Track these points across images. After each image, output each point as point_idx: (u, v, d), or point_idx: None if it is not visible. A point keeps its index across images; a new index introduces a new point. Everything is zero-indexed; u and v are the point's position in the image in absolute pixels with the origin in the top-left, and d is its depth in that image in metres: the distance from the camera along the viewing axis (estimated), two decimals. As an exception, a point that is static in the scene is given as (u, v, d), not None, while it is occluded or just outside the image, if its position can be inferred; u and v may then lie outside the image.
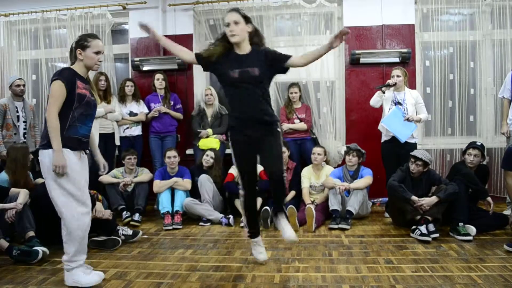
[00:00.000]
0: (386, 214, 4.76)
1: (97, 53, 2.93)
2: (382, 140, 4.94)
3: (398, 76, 4.77)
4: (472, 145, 4.29)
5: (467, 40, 5.53)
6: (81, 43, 2.90)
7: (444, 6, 5.51)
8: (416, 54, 5.66)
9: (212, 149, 5.20)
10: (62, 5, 6.07)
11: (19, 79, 5.10)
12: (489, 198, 4.12)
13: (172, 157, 4.97)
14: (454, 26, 5.62)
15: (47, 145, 2.77)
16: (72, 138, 2.84)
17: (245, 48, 3.07)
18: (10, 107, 4.95)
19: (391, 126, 4.71)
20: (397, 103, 4.80)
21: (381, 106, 4.90)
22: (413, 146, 4.72)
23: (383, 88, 4.77)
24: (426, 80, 5.71)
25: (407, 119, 4.65)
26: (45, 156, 2.78)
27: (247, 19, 3.03)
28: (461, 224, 3.92)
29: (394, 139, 4.75)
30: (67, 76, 2.81)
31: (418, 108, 4.82)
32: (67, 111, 2.81)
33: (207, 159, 5.07)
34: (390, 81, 4.75)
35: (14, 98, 5.05)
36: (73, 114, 2.83)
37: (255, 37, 3.12)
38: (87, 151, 3.05)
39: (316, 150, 4.99)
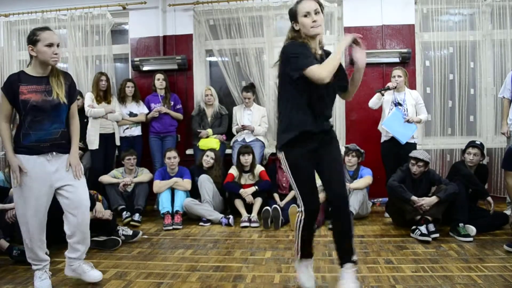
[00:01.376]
0: (386, 214, 4.76)
1: (49, 45, 2.65)
2: (382, 140, 4.95)
3: (399, 76, 4.77)
4: (472, 144, 4.29)
5: (467, 40, 5.53)
6: (31, 38, 2.67)
7: (444, 6, 5.51)
8: (416, 54, 5.66)
9: (212, 149, 5.20)
10: (62, 5, 6.07)
11: None
12: (489, 198, 4.12)
13: (172, 157, 4.97)
14: (454, 26, 5.62)
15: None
16: (28, 146, 2.70)
17: (317, 47, 2.57)
18: None
19: (392, 127, 4.71)
20: (397, 103, 4.80)
21: (381, 107, 4.90)
22: (413, 146, 4.72)
23: (383, 91, 4.77)
24: (426, 80, 5.70)
25: (407, 121, 4.66)
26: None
27: (322, 9, 2.53)
28: (461, 224, 3.92)
29: (393, 139, 4.75)
30: (6, 86, 2.68)
31: (418, 108, 4.83)
32: (20, 119, 2.73)
33: (207, 160, 5.07)
34: (390, 85, 4.74)
35: None
36: (24, 123, 2.70)
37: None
38: (58, 152, 2.80)
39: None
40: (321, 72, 2.34)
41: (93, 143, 5.22)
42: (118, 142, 5.46)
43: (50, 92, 2.73)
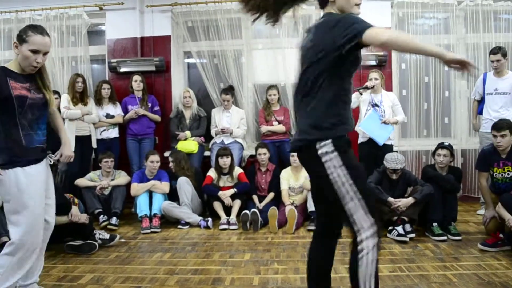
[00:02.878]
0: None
1: (35, 52, 2.37)
2: (359, 142, 5.00)
3: (376, 79, 4.85)
4: (440, 145, 4.36)
5: (442, 43, 5.63)
6: (20, 34, 2.39)
7: (420, 10, 5.61)
8: (392, 57, 5.74)
9: (174, 152, 5.19)
10: (37, 5, 5.94)
11: None
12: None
13: (155, 161, 4.90)
14: (429, 30, 5.74)
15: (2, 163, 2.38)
16: (34, 149, 2.46)
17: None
18: None
19: (369, 129, 4.77)
20: (375, 105, 4.87)
21: (358, 108, 4.96)
22: (390, 147, 4.78)
23: (361, 90, 4.84)
24: (402, 82, 5.80)
25: (384, 122, 4.73)
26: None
27: None
28: (435, 224, 3.99)
29: (371, 141, 4.81)
30: None
31: (395, 109, 4.91)
32: (12, 120, 2.38)
33: (170, 165, 5.05)
34: (368, 84, 4.82)
35: None
36: (22, 123, 2.40)
37: None
38: (52, 155, 2.68)
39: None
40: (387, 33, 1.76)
41: (69, 145, 5.12)
42: (94, 145, 5.37)
43: (38, 89, 2.50)
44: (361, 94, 4.85)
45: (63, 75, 5.96)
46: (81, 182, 4.87)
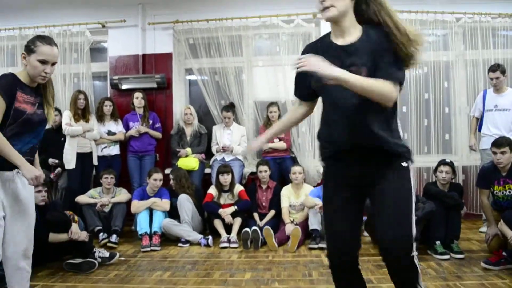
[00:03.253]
0: (365, 233, 4.78)
1: (43, 62, 2.35)
2: None
3: None
4: (442, 162, 4.35)
5: (441, 60, 5.68)
6: (28, 45, 2.38)
7: (418, 27, 5.63)
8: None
9: (175, 169, 5.18)
10: (41, 22, 6.01)
11: None
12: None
13: (158, 180, 4.89)
14: (428, 47, 5.75)
15: None
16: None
17: (351, 32, 1.86)
18: None
19: None
20: None
21: None
22: None
23: None
24: (402, 99, 5.79)
25: None
26: None
27: None
28: (438, 242, 3.96)
29: None
30: (5, 86, 2.29)
31: None
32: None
33: (171, 182, 5.05)
34: None
35: None
36: (6, 132, 2.31)
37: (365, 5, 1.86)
38: (17, 172, 2.44)
39: (296, 169, 4.98)
40: None
41: (70, 162, 5.12)
42: (95, 162, 5.38)
43: (40, 106, 2.47)
44: None
45: (65, 91, 5.99)
46: (82, 199, 4.86)
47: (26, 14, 6.05)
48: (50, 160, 5.22)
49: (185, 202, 4.78)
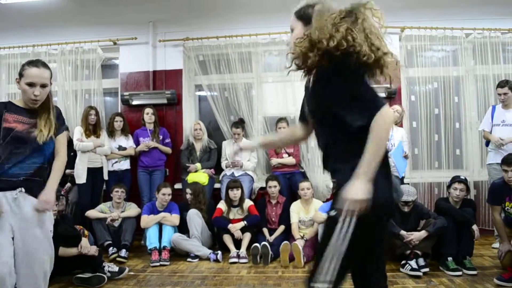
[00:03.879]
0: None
1: (30, 85, 2.37)
2: None
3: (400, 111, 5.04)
4: (457, 179, 4.31)
5: (451, 75, 5.67)
6: (20, 70, 2.41)
7: (428, 43, 5.67)
8: (402, 89, 5.77)
9: (192, 183, 5.18)
10: (53, 40, 6.12)
11: None
12: (474, 226, 4.10)
13: (167, 194, 4.91)
14: (438, 62, 5.78)
15: None
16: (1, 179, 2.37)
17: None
18: None
19: (396, 159, 4.82)
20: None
21: None
22: (401, 180, 4.77)
23: None
24: (412, 114, 5.80)
25: (405, 156, 4.86)
26: None
27: (307, 18, 1.83)
28: (450, 258, 3.91)
29: None
30: None
31: (404, 145, 4.93)
32: None
33: (188, 196, 5.05)
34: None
35: None
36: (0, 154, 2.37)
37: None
38: (26, 191, 2.44)
39: (304, 185, 4.92)
40: None
41: (81, 177, 5.16)
42: (106, 177, 5.41)
43: (34, 126, 2.46)
44: None
45: (76, 107, 6.07)
46: (92, 213, 4.88)
47: (39, 32, 6.17)
48: (68, 171, 5.27)
49: (194, 217, 4.78)
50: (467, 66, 5.71)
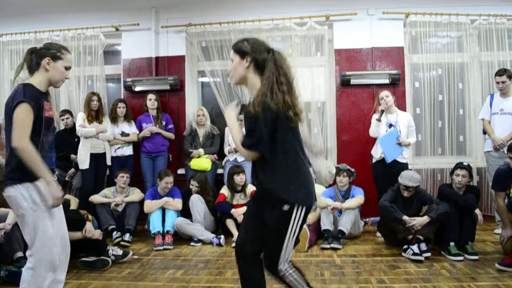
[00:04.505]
0: (378, 234, 4.75)
1: (68, 68, 2.54)
2: (374, 161, 4.98)
3: (386, 96, 4.85)
4: (459, 165, 4.31)
5: (455, 62, 5.64)
6: (53, 52, 2.47)
7: (432, 29, 5.63)
8: (405, 75, 5.75)
9: (197, 174, 5.18)
10: (56, 26, 6.11)
11: None
12: (477, 210, 4.09)
13: (169, 183, 4.94)
14: (442, 48, 5.74)
15: (19, 179, 2.31)
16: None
17: (256, 89, 2.20)
18: (3, 125, 4.88)
19: (384, 144, 4.80)
20: (390, 125, 4.86)
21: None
22: (404, 166, 4.76)
23: (380, 118, 4.87)
24: (415, 101, 5.78)
25: (399, 143, 4.75)
26: (17, 193, 2.31)
27: (241, 52, 2.24)
28: (452, 243, 3.92)
29: (384, 160, 4.80)
30: (33, 97, 2.33)
31: (410, 131, 4.89)
32: (35, 140, 2.34)
33: (193, 188, 5.06)
34: (381, 107, 4.85)
35: None
36: (43, 144, 2.40)
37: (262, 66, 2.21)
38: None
39: (307, 171, 4.94)
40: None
41: (84, 162, 5.18)
42: (109, 162, 5.43)
43: (51, 110, 2.53)
44: (379, 121, 4.87)
45: (79, 94, 6.07)
46: (95, 198, 4.91)
47: (41, 18, 6.16)
48: (72, 157, 5.33)
49: (197, 202, 4.80)
50: (472, 53, 5.67)
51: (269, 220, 2.17)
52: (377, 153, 4.91)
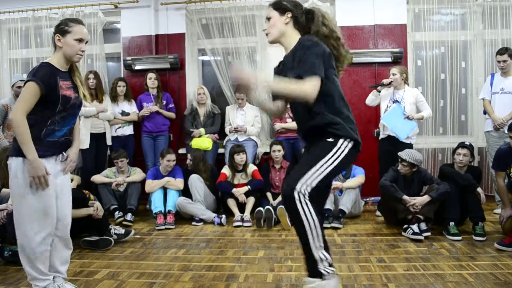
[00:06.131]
0: (378, 213, 4.78)
1: (80, 40, 2.50)
2: (380, 138, 4.99)
3: (394, 74, 4.80)
4: (461, 144, 4.31)
5: (459, 40, 5.57)
6: (61, 27, 2.50)
7: (436, 6, 5.54)
8: (408, 53, 5.69)
9: (193, 150, 5.21)
10: (54, 3, 6.02)
11: (21, 80, 4.83)
12: (478, 189, 4.09)
13: (172, 160, 4.95)
14: (445, 26, 5.66)
15: (16, 151, 2.42)
16: (47, 143, 2.49)
17: (291, 46, 2.36)
18: (12, 107, 4.86)
19: (391, 123, 4.76)
20: (395, 101, 4.83)
21: (379, 105, 4.96)
22: (409, 146, 4.74)
23: (379, 87, 4.82)
24: (418, 79, 5.73)
25: (407, 117, 4.71)
26: (13, 165, 2.44)
27: (281, 9, 2.36)
28: (452, 223, 3.94)
29: (390, 137, 4.81)
30: (43, 77, 2.40)
31: (420, 105, 4.86)
32: (48, 114, 2.46)
33: (188, 162, 5.08)
34: (385, 80, 4.82)
35: (16, 98, 4.96)
36: (54, 118, 2.48)
37: (302, 22, 2.38)
38: (64, 154, 2.63)
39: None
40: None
41: (84, 142, 5.14)
42: (109, 142, 5.43)
43: (76, 89, 2.60)
44: (379, 91, 4.85)
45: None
46: (97, 178, 4.93)
47: (39, -5, 6.07)
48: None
49: (196, 182, 4.82)
50: (475, 31, 5.60)
51: (313, 148, 2.27)
52: (383, 130, 4.92)
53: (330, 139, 2.23)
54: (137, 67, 6.00)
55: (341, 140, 2.23)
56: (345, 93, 2.42)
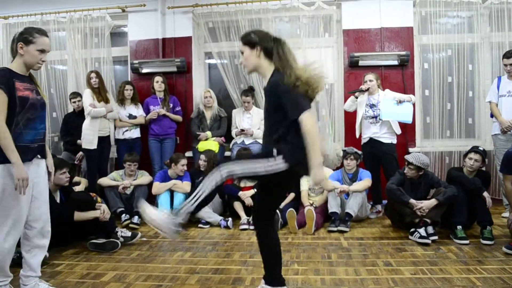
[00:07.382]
0: (374, 209, 4.87)
1: (41, 51, 2.62)
2: (362, 143, 5.11)
3: (370, 80, 4.97)
4: (474, 149, 4.27)
5: (466, 42, 5.54)
6: (25, 36, 2.60)
7: (443, 9, 5.52)
8: (414, 56, 5.67)
9: (206, 151, 5.20)
10: (62, 7, 6.08)
11: None
12: (485, 193, 4.07)
13: (185, 164, 5.00)
14: (452, 29, 5.64)
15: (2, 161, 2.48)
16: (20, 148, 2.51)
17: (267, 77, 2.51)
18: None
19: (392, 116, 4.86)
20: (372, 105, 4.98)
21: (355, 111, 5.14)
22: (390, 146, 4.89)
23: (356, 94, 5.01)
24: (424, 82, 5.71)
25: (399, 102, 4.83)
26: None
27: (250, 43, 2.48)
28: (459, 227, 3.92)
29: (371, 141, 4.95)
30: (3, 79, 2.50)
31: (399, 97, 4.90)
32: (12, 117, 2.52)
33: (201, 163, 5.08)
34: (363, 87, 4.99)
35: None
36: (17, 121, 2.55)
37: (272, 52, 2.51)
38: (40, 156, 2.72)
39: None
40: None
41: (92, 142, 5.13)
42: (112, 142, 5.46)
43: (37, 91, 2.72)
44: (356, 97, 5.02)
45: (86, 76, 6.07)
46: (104, 181, 4.96)
47: (47, 0, 6.12)
48: (79, 141, 5.33)
49: (204, 185, 4.82)
50: (482, 33, 5.56)
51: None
52: (363, 134, 5.07)
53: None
54: (144, 71, 6.03)
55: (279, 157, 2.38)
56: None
